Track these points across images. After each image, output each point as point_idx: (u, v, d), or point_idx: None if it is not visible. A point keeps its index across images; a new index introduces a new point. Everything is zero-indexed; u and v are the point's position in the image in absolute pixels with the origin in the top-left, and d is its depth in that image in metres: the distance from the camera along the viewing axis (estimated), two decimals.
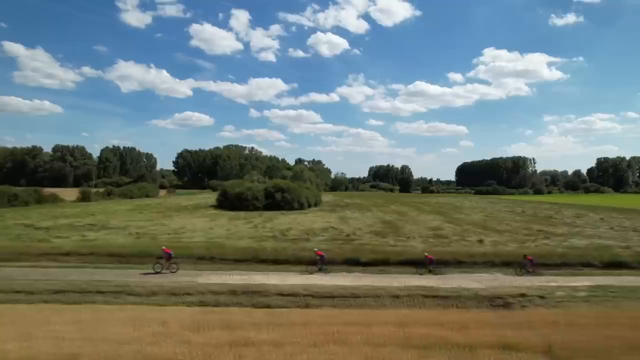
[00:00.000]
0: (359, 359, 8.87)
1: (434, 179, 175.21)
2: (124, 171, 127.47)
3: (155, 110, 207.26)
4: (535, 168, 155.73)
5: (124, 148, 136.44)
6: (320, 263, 18.94)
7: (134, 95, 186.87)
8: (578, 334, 10.61)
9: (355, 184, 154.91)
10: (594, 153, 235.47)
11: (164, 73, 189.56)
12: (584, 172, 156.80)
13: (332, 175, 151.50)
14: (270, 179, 67.18)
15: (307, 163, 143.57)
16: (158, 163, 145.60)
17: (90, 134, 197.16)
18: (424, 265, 18.95)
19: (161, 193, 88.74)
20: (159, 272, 17.92)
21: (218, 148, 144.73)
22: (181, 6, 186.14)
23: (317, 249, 20.02)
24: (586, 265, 20.40)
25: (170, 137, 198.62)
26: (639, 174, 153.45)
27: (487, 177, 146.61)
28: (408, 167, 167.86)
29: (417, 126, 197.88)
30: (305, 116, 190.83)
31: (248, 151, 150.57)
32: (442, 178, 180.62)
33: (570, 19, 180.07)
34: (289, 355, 8.87)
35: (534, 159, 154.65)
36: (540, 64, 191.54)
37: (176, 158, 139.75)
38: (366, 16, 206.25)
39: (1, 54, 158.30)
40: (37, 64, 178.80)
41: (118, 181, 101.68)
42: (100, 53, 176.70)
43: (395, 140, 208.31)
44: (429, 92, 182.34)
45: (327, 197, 73.69)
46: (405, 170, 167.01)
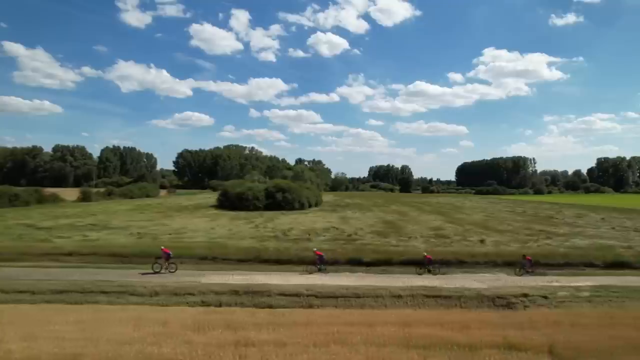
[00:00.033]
0: (361, 358, 8.86)
1: (434, 179, 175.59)
2: (124, 171, 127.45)
3: (155, 110, 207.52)
4: (535, 168, 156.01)
5: (124, 148, 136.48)
6: (319, 263, 18.95)
7: (134, 95, 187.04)
8: (581, 334, 10.58)
9: (356, 184, 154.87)
10: (594, 153, 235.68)
11: (164, 73, 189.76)
12: (584, 172, 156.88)
13: (332, 175, 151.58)
14: (270, 179, 67.12)
15: (307, 163, 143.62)
16: (158, 163, 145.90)
17: (90, 134, 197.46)
18: (423, 265, 18.99)
19: (161, 193, 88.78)
20: (157, 272, 17.91)
21: (218, 148, 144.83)
22: (181, 6, 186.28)
23: (316, 249, 20.02)
24: (588, 265, 20.42)
25: (170, 137, 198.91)
26: (639, 174, 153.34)
27: (487, 177, 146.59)
28: (408, 167, 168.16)
29: (417, 126, 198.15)
30: (305, 116, 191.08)
31: (248, 151, 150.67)
32: (442, 178, 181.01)
33: (570, 19, 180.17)
34: (290, 355, 8.85)
35: (534, 159, 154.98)
36: (540, 64, 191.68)
37: (176, 158, 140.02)
38: (366, 16, 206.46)
39: (1, 54, 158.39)
40: (37, 64, 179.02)
41: (118, 181, 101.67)
42: (100, 53, 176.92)
43: (395, 140, 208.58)
44: (429, 92, 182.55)
45: (328, 197, 73.71)
46: (405, 170, 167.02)
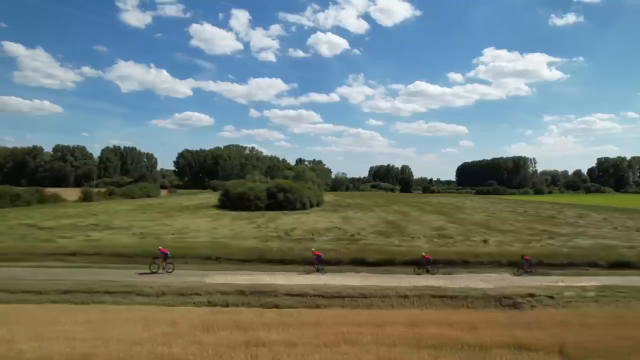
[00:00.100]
0: (371, 358, 8.87)
1: (434, 179, 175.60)
2: (124, 171, 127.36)
3: (155, 110, 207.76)
4: (535, 168, 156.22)
5: (124, 148, 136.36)
6: (317, 263, 18.97)
7: (134, 95, 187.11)
8: (589, 334, 10.60)
9: (356, 184, 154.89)
10: (594, 153, 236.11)
11: (164, 73, 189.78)
12: (585, 172, 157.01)
13: (333, 175, 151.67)
14: (271, 179, 67.13)
15: (308, 163, 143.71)
16: (158, 163, 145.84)
17: (90, 134, 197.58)
18: (422, 265, 19.08)
19: (162, 193, 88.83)
20: (154, 272, 17.88)
21: (219, 148, 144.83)
22: (181, 6, 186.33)
23: (314, 249, 20.05)
24: (592, 265, 20.43)
25: (170, 137, 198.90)
26: (639, 174, 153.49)
27: (488, 177, 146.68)
28: (408, 167, 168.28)
29: (417, 126, 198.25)
30: (305, 116, 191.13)
31: (249, 151, 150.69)
32: (442, 178, 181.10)
33: (570, 19, 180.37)
34: (302, 355, 8.85)
35: (534, 159, 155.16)
36: (540, 64, 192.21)
37: (177, 158, 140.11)
38: (366, 16, 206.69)
39: (1, 54, 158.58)
40: (37, 64, 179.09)
41: (119, 181, 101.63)
42: (100, 53, 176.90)
43: (395, 140, 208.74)
44: (429, 92, 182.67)
45: (329, 197, 73.74)
46: (405, 170, 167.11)
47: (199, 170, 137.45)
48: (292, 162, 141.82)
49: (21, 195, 48.88)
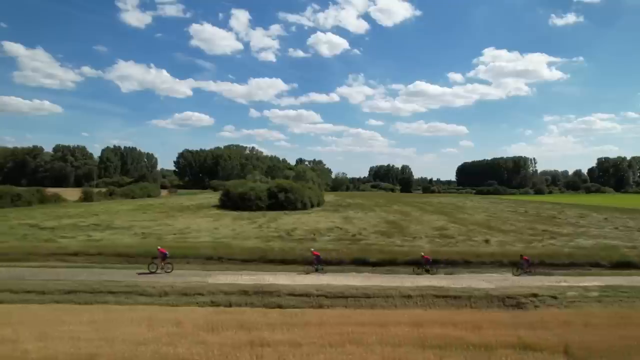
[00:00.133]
0: (377, 359, 8.87)
1: (434, 179, 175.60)
2: (124, 171, 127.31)
3: (155, 110, 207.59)
4: (535, 168, 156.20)
5: (124, 148, 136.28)
6: (316, 263, 18.98)
7: (134, 95, 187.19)
8: (594, 334, 10.60)
9: (356, 184, 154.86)
10: (594, 153, 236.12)
11: (164, 73, 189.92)
12: (585, 172, 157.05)
13: (333, 175, 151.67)
14: (272, 179, 67.11)
15: (308, 163, 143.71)
16: (158, 163, 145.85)
17: (90, 134, 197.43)
18: (421, 265, 19.12)
19: (163, 193, 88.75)
20: (153, 272, 17.89)
21: (219, 148, 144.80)
22: (181, 6, 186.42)
23: (313, 249, 20.06)
24: (594, 265, 20.43)
25: (170, 137, 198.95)
26: (639, 174, 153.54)
27: (488, 177, 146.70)
28: (408, 167, 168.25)
29: (417, 126, 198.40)
30: (305, 116, 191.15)
31: (249, 151, 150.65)
32: (442, 178, 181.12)
33: (570, 19, 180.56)
34: (307, 355, 8.84)
35: (534, 158, 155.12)
36: (540, 64, 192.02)
37: (177, 158, 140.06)
38: (366, 16, 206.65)
39: (1, 54, 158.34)
40: (37, 64, 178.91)
41: (119, 181, 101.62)
42: (100, 53, 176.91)
43: (395, 140, 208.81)
44: (429, 92, 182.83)
45: (329, 197, 73.73)
46: (405, 170, 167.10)
47: (199, 170, 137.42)
48: (292, 162, 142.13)
49: (22, 195, 48.85)
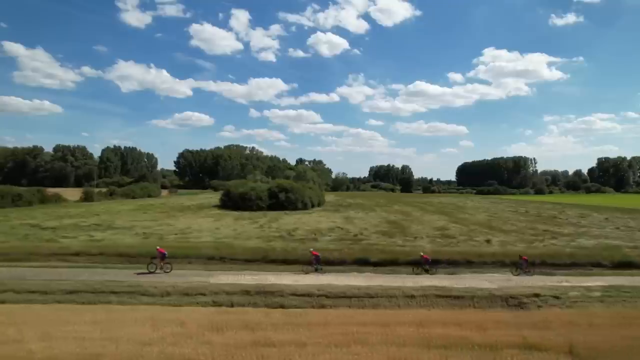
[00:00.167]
0: (382, 358, 8.88)
1: (434, 179, 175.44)
2: (125, 171, 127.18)
3: (155, 110, 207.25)
4: (535, 168, 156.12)
5: (125, 148, 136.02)
6: (315, 263, 18.99)
7: (134, 95, 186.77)
8: (597, 334, 10.62)
9: (356, 184, 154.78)
10: (594, 153, 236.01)
11: (164, 73, 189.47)
12: (585, 172, 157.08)
13: (333, 175, 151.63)
14: (272, 179, 67.09)
15: (308, 163, 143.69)
16: (159, 163, 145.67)
17: (90, 134, 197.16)
18: (420, 264, 19.14)
19: (163, 193, 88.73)
20: (152, 272, 17.88)
21: (219, 148, 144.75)
22: (181, 6, 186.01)
23: (312, 249, 20.05)
24: (596, 265, 20.43)
25: (170, 137, 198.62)
26: (639, 174, 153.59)
27: (488, 177, 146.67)
28: (408, 167, 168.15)
29: (417, 126, 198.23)
30: (305, 116, 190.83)
31: (249, 151, 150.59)
32: (443, 178, 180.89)
33: (570, 19, 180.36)
34: (312, 355, 8.86)
35: (534, 158, 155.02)
36: (540, 64, 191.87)
37: (177, 158, 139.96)
38: (366, 16, 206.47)
39: (1, 54, 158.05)
40: (37, 64, 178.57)
41: (119, 181, 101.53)
42: (100, 53, 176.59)
43: (395, 140, 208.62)
44: (429, 92, 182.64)
45: (329, 197, 73.72)
46: (405, 170, 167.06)
47: (200, 170, 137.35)
48: (293, 162, 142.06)
49: (23, 195, 48.83)
